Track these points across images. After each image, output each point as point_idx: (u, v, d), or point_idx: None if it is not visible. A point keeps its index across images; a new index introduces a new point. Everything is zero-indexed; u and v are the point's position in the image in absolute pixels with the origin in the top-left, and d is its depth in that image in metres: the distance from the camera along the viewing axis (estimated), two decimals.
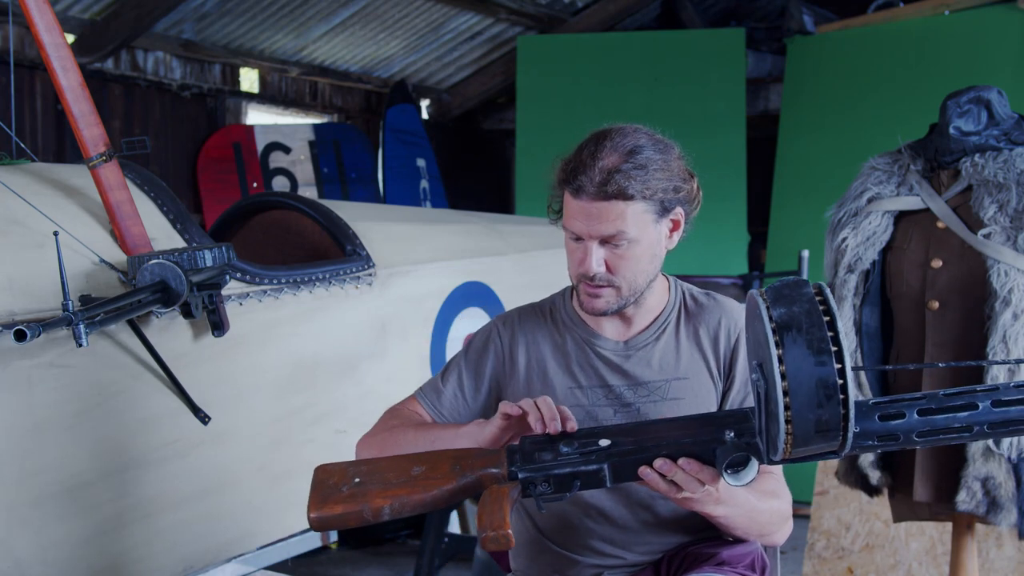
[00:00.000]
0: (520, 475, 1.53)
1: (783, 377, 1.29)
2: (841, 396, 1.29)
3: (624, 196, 1.65)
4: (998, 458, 2.37)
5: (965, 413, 1.40)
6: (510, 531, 1.47)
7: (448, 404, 1.84)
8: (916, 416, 1.40)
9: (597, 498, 1.78)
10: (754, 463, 1.47)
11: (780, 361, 1.30)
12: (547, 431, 1.54)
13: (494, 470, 1.54)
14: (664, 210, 1.72)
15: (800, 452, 1.35)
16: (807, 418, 1.30)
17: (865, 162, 2.70)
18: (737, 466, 1.47)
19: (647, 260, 1.73)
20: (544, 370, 1.81)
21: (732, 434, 1.49)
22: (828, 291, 1.35)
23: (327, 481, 1.57)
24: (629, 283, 1.72)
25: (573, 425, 1.55)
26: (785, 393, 1.29)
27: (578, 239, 1.72)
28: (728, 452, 1.47)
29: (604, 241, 1.69)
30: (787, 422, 1.30)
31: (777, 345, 1.30)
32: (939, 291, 2.46)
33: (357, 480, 1.56)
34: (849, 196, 2.65)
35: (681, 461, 1.49)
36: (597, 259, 1.69)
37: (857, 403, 1.37)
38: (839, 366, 1.29)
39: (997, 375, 2.33)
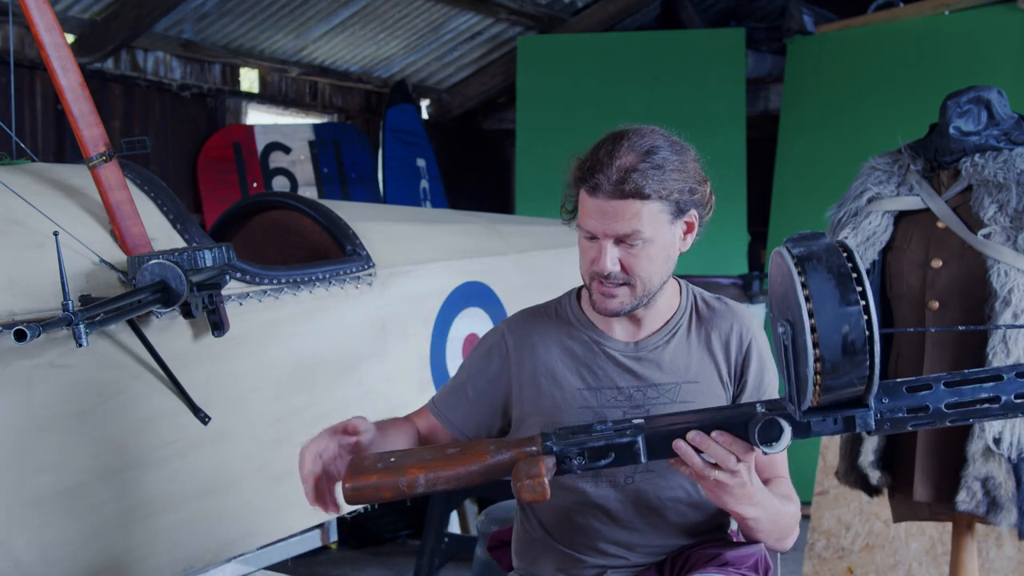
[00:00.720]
0: (555, 448, 1.54)
1: (808, 300, 1.34)
2: (865, 317, 1.33)
3: (641, 195, 1.66)
4: (998, 458, 2.37)
5: (991, 383, 1.43)
6: (547, 481, 1.50)
7: (458, 411, 1.85)
8: (943, 388, 1.44)
9: (603, 498, 1.78)
10: (787, 431, 1.47)
11: (804, 287, 1.35)
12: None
13: (529, 448, 1.56)
14: (679, 211, 1.72)
15: (830, 395, 1.38)
16: (834, 340, 1.33)
17: (865, 162, 2.70)
18: (770, 434, 1.48)
19: (661, 261, 1.73)
20: (553, 372, 1.81)
21: (763, 408, 1.52)
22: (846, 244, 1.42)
23: (361, 462, 1.60)
24: (644, 283, 1.72)
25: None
26: (811, 315, 1.33)
27: (592, 238, 1.71)
28: (759, 420, 1.49)
29: (619, 240, 1.69)
30: (815, 345, 1.34)
31: (800, 273, 1.36)
32: (939, 291, 2.46)
33: (392, 459, 1.58)
34: (849, 196, 2.65)
35: (714, 433, 1.50)
36: (612, 258, 1.69)
37: (882, 381, 1.42)
38: (860, 289, 1.34)
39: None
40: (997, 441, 2.36)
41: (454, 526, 4.48)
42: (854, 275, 1.35)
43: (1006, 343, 2.35)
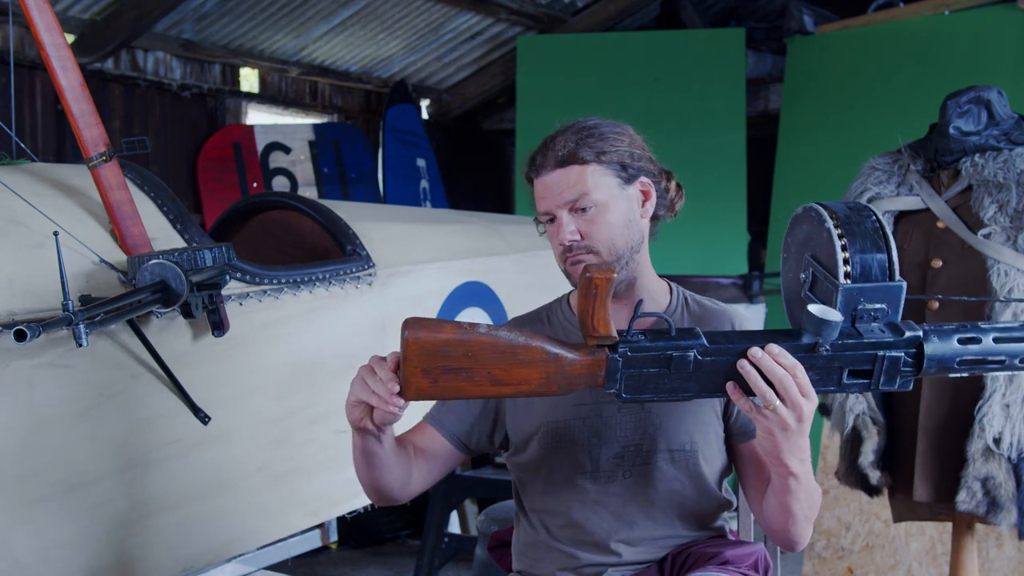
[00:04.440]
0: (620, 347, 1.50)
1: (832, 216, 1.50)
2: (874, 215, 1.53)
3: (579, 160, 1.72)
4: (998, 458, 2.37)
5: None
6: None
7: (448, 413, 1.85)
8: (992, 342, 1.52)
9: (601, 493, 1.78)
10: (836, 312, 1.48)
11: (820, 205, 1.56)
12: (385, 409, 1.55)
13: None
14: (627, 176, 1.75)
15: (860, 283, 1.46)
16: (855, 231, 1.49)
17: (865, 162, 2.70)
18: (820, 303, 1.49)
19: (621, 226, 1.75)
20: None
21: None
22: None
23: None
24: (607, 247, 1.74)
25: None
26: (836, 226, 1.50)
27: (551, 220, 1.76)
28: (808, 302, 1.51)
29: (572, 210, 1.73)
30: (844, 251, 1.48)
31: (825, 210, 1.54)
32: (939, 291, 2.46)
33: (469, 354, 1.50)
34: (849, 196, 2.66)
35: (769, 347, 1.48)
36: (569, 229, 1.73)
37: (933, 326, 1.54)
38: (875, 216, 1.53)
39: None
40: (997, 441, 2.36)
41: (454, 526, 4.48)
42: (873, 217, 1.54)
43: None
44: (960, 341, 1.53)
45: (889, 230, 1.54)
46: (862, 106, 5.48)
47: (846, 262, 1.49)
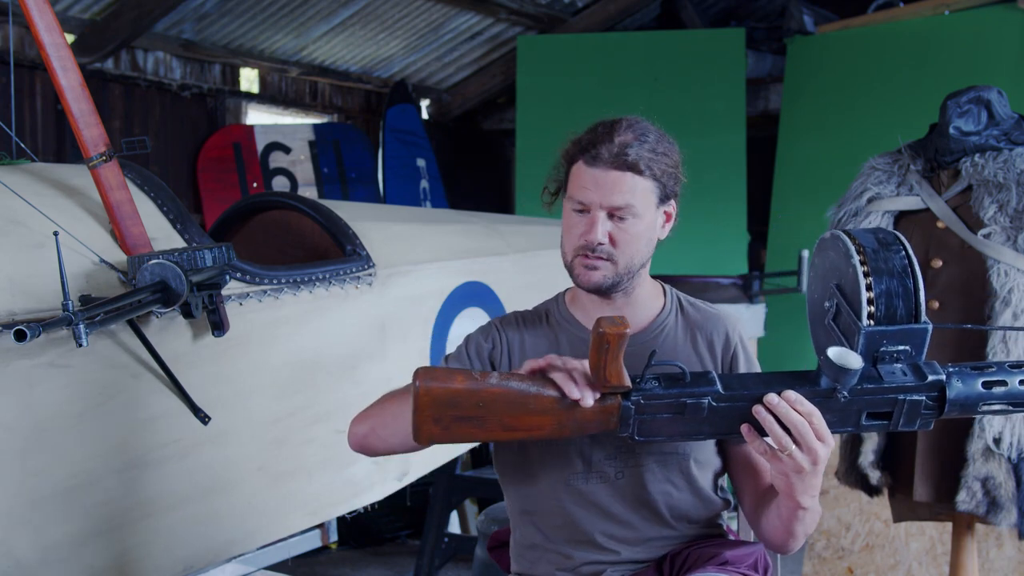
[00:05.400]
0: (633, 395, 1.50)
1: (858, 249, 1.46)
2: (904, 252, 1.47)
3: (637, 170, 1.71)
4: (998, 458, 2.37)
5: None
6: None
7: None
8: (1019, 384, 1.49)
9: (595, 494, 1.78)
10: (856, 360, 1.44)
11: (848, 236, 1.50)
12: (571, 396, 1.50)
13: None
14: (665, 196, 1.77)
15: (884, 325, 1.43)
16: (881, 268, 1.45)
17: (865, 162, 2.70)
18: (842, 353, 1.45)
19: (644, 242, 1.76)
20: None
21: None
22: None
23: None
24: (627, 260, 1.74)
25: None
26: (862, 263, 1.46)
27: (582, 211, 1.75)
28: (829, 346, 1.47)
29: (611, 213, 1.72)
30: (868, 289, 1.44)
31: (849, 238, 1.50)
32: (939, 291, 2.46)
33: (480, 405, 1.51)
34: (849, 196, 2.65)
35: (787, 394, 1.47)
36: (603, 229, 1.72)
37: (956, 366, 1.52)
38: (905, 252, 1.47)
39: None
40: (997, 441, 2.36)
41: (454, 526, 4.48)
42: (903, 252, 1.48)
43: (1006, 343, 2.35)
44: (985, 384, 1.50)
45: (917, 266, 1.47)
46: (862, 106, 5.48)
47: (870, 302, 1.45)
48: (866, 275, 1.46)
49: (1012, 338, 2.35)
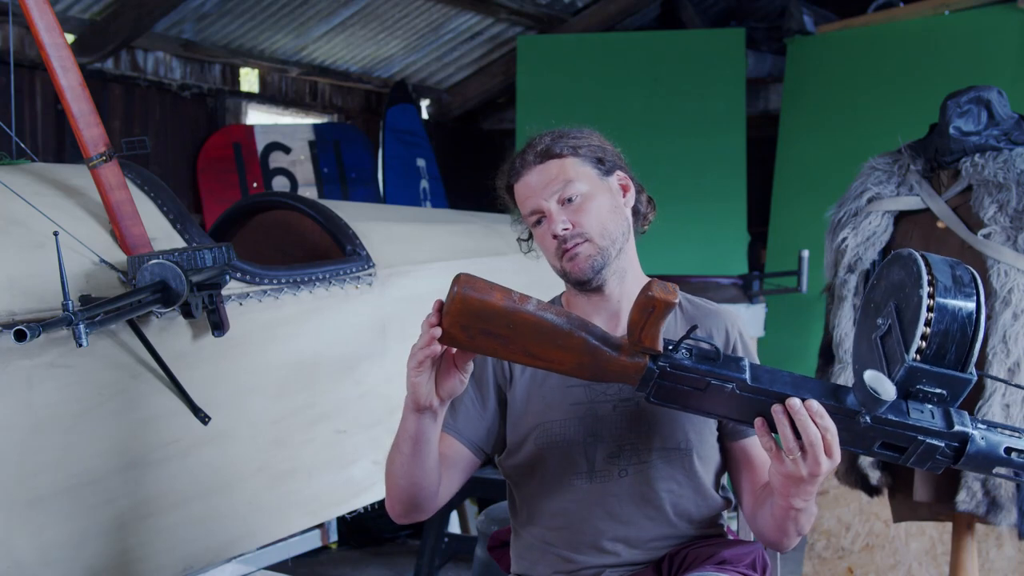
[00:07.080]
0: (661, 360, 1.49)
1: (930, 280, 1.42)
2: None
3: (556, 155, 1.78)
4: None
5: None
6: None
7: (462, 420, 1.84)
8: None
9: (598, 493, 1.78)
10: (890, 388, 1.42)
11: (925, 262, 1.44)
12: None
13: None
14: (605, 168, 1.80)
15: (930, 364, 1.39)
16: (946, 308, 1.40)
17: (865, 162, 2.70)
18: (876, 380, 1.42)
19: (609, 210, 1.78)
20: (542, 373, 1.81)
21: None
22: None
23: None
24: (599, 232, 1.76)
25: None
26: (930, 295, 1.41)
27: (540, 220, 1.79)
28: (864, 371, 1.44)
29: (559, 202, 1.76)
30: (927, 325, 1.40)
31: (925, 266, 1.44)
32: None
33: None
34: (849, 196, 2.66)
35: (809, 403, 1.46)
36: (560, 219, 1.75)
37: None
38: (977, 299, 1.42)
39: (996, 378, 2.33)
40: None
41: (454, 526, 4.48)
42: (974, 294, 1.43)
43: (1006, 343, 2.35)
44: (1007, 450, 1.46)
45: (984, 317, 1.42)
46: (862, 106, 5.48)
47: (924, 337, 1.40)
48: (930, 309, 1.41)
49: (1012, 338, 2.35)
